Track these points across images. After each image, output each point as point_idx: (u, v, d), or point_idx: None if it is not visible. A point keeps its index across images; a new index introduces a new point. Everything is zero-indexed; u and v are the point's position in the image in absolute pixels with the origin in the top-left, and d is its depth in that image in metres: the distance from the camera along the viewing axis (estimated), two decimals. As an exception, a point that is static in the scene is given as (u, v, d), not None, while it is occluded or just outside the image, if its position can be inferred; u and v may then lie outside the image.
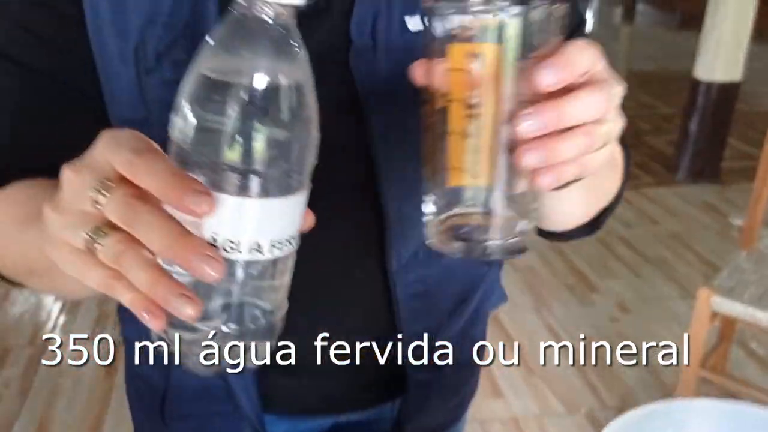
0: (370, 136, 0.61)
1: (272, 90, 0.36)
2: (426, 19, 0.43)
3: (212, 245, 0.36)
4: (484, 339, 0.85)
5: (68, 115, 0.59)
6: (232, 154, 0.36)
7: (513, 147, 0.42)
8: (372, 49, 0.59)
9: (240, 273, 0.38)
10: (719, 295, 1.77)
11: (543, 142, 0.41)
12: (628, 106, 0.46)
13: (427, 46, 0.44)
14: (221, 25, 0.38)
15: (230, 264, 0.37)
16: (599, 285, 2.83)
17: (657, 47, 7.49)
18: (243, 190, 0.36)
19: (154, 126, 0.57)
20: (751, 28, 3.53)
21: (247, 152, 0.36)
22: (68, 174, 0.39)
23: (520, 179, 0.43)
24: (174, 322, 0.37)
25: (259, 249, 0.37)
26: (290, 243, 0.39)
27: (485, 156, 0.43)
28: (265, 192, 0.37)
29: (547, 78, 0.40)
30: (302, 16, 0.57)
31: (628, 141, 0.62)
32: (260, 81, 0.36)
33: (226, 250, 0.37)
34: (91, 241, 0.37)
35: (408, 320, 0.70)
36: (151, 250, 0.36)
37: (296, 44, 0.38)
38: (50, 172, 0.55)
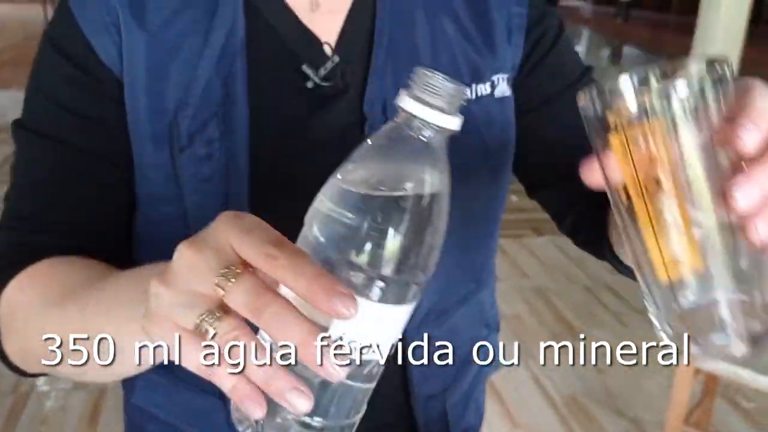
0: None
1: (416, 201, 0.38)
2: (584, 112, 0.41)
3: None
4: (483, 405, 0.87)
5: (100, 191, 0.63)
6: (368, 258, 0.37)
7: (726, 225, 0.38)
8: (383, 122, 0.62)
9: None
10: (702, 352, 1.78)
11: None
12: None
13: (590, 139, 0.41)
14: (374, 135, 0.40)
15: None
16: (585, 335, 2.84)
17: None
18: (369, 293, 0.38)
19: (186, 202, 0.62)
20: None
21: (381, 257, 0.37)
22: (188, 253, 0.38)
23: (742, 253, 0.39)
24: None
25: (377, 350, 0.39)
26: (392, 349, 0.41)
27: (691, 241, 0.39)
28: (386, 298, 0.38)
29: (752, 138, 0.37)
30: (321, 95, 0.64)
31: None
32: (408, 191, 0.38)
33: (350, 352, 0.37)
34: (203, 324, 0.37)
35: (419, 383, 0.72)
36: (277, 343, 0.36)
37: (443, 159, 0.40)
38: (79, 247, 0.61)
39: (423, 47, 0.66)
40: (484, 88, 0.68)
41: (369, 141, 0.40)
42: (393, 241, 0.37)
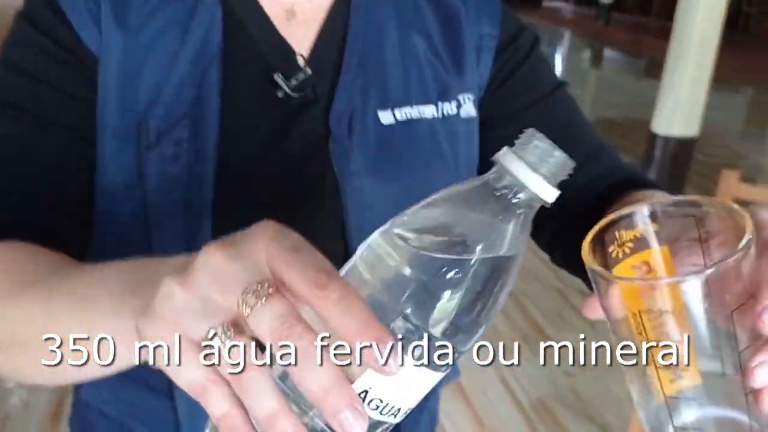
0: (346, 217, 0.64)
1: (492, 266, 0.35)
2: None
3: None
4: (437, 414, 0.87)
5: (68, 164, 0.61)
6: (421, 312, 0.34)
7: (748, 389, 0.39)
8: (348, 139, 0.64)
9: None
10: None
11: None
12: None
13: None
14: (460, 185, 0.38)
15: None
16: (555, 338, 2.85)
17: (621, 94, 7.66)
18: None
19: (147, 200, 0.61)
20: (709, 85, 3.63)
21: (436, 315, 0.34)
22: (217, 256, 0.34)
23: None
24: None
25: (395, 414, 0.36)
26: (408, 413, 0.38)
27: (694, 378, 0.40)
28: (428, 362, 0.35)
29: None
30: (291, 106, 0.64)
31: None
32: (487, 253, 0.35)
33: (373, 409, 0.35)
34: (214, 339, 0.34)
35: None
36: (296, 381, 0.32)
37: (527, 227, 0.38)
38: (41, 226, 0.58)
39: (393, 63, 0.67)
40: (450, 108, 0.68)
41: (452, 189, 0.38)
42: (455, 302, 0.34)
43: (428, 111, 0.67)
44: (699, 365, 0.39)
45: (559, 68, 8.44)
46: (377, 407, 0.35)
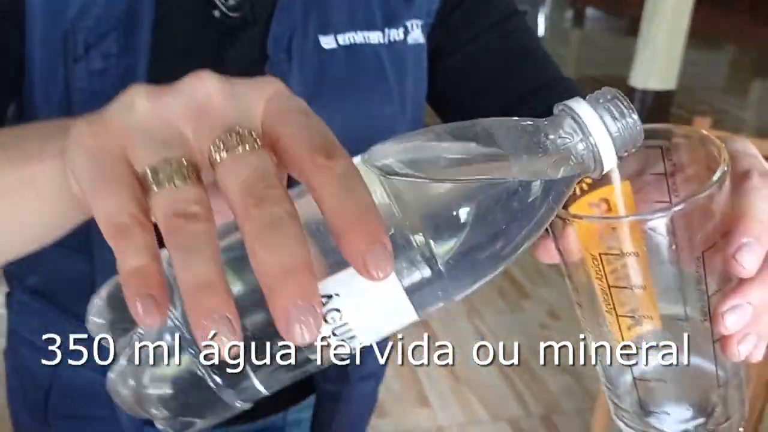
0: None
1: (516, 198, 0.30)
2: None
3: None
4: (386, 346, 0.86)
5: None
6: (432, 234, 0.29)
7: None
8: (287, 63, 0.62)
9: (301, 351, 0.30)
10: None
11: (753, 327, 0.35)
12: None
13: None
14: (507, 120, 0.33)
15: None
16: (531, 292, 2.86)
17: (604, 53, 7.62)
18: (402, 274, 0.29)
19: (72, 114, 0.58)
20: (685, 38, 3.61)
21: (449, 241, 0.29)
22: (208, 87, 0.29)
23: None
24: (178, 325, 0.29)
25: (346, 341, 0.30)
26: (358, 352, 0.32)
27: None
28: (414, 292, 0.29)
29: (753, 262, 0.34)
30: (228, 26, 0.61)
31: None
32: (514, 180, 0.30)
33: (326, 321, 0.29)
34: (163, 170, 0.27)
35: None
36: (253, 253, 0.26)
37: (562, 197, 0.33)
38: None
39: None
40: (397, 34, 0.65)
41: (495, 121, 0.33)
42: (466, 230, 0.29)
43: (374, 37, 0.64)
44: (661, 310, 0.37)
45: (541, 28, 8.37)
46: (333, 322, 0.29)
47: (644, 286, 0.35)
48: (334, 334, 0.29)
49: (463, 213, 0.29)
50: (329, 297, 0.29)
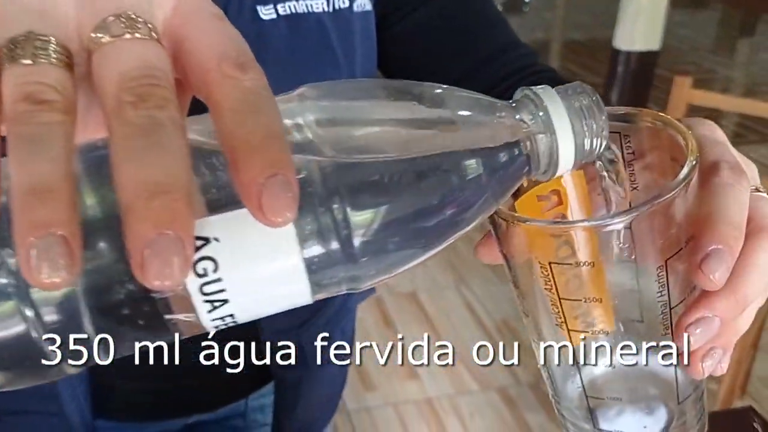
0: None
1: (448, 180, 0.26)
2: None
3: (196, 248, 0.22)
4: (352, 332, 0.84)
5: None
6: (350, 203, 0.24)
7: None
8: None
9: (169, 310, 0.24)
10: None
11: (718, 340, 0.32)
12: None
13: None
14: (468, 93, 0.29)
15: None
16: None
17: (590, 16, 7.54)
18: (309, 242, 0.24)
19: None
20: (669, -2, 3.56)
21: (367, 205, 0.24)
22: None
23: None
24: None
25: (216, 304, 0.23)
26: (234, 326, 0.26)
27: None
28: (319, 274, 0.24)
29: (718, 272, 0.30)
30: None
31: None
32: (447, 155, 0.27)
33: (198, 274, 0.23)
34: (22, 49, 0.22)
35: (267, 319, 0.67)
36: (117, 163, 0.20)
37: (506, 190, 0.30)
38: None
39: None
40: (342, 1, 0.62)
41: (449, 88, 0.28)
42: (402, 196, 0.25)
43: (317, 5, 0.60)
44: (618, 324, 0.33)
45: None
46: (204, 274, 0.23)
47: (599, 299, 0.31)
48: (203, 292, 0.23)
49: (393, 181, 0.25)
50: (206, 240, 0.22)
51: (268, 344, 0.68)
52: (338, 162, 0.24)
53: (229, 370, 0.73)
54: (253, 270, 0.23)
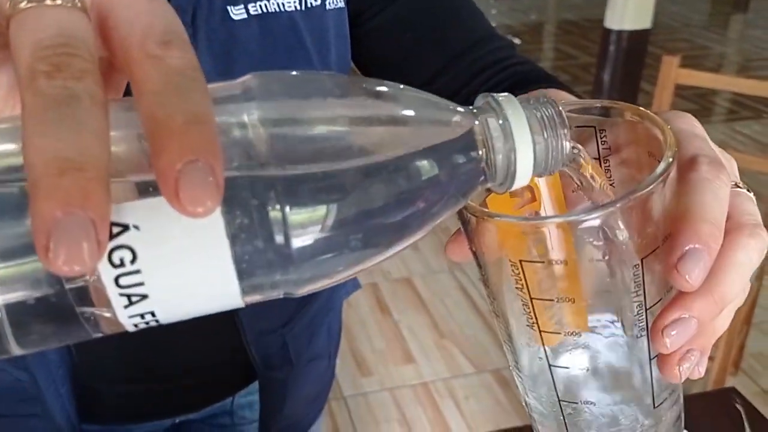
0: None
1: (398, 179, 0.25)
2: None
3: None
4: (339, 328, 0.84)
5: None
6: (288, 199, 0.22)
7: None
8: (193, 38, 0.56)
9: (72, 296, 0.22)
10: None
11: (695, 342, 0.31)
12: (549, 57, 0.40)
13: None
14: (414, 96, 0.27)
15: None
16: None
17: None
18: (239, 236, 0.22)
19: None
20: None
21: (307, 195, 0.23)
22: None
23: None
24: None
25: (132, 299, 0.22)
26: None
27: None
28: (250, 275, 0.23)
29: (695, 273, 0.28)
30: None
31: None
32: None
33: (113, 263, 0.21)
34: None
35: (249, 320, 0.67)
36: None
37: (462, 196, 0.28)
38: None
39: None
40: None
41: (406, 87, 0.27)
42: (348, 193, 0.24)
43: (288, 4, 0.59)
44: (592, 325, 0.31)
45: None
46: (120, 265, 0.21)
47: (572, 299, 0.30)
48: (119, 285, 0.21)
49: (337, 180, 0.23)
50: (124, 227, 0.21)
51: (252, 345, 0.68)
52: (279, 155, 0.23)
53: (212, 372, 0.74)
54: (176, 265, 0.21)
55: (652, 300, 0.30)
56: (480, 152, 0.27)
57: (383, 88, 0.26)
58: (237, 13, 0.57)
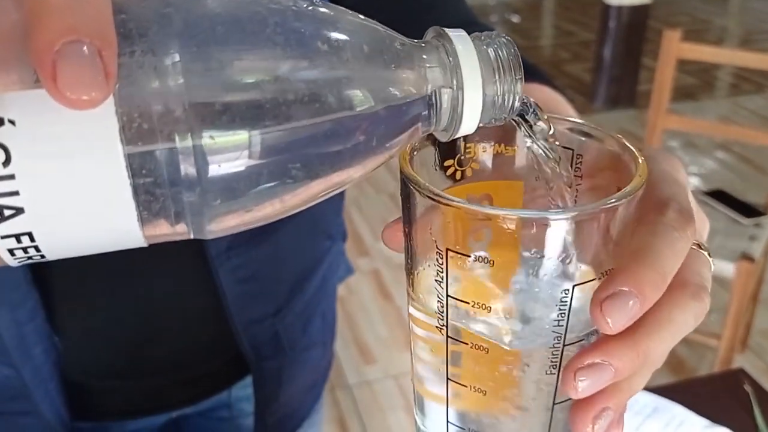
0: None
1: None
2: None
3: None
4: (333, 315, 0.82)
5: None
6: (203, 118, 0.19)
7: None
8: None
9: None
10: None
11: (611, 398, 0.27)
12: (548, 34, 0.37)
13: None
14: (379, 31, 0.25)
15: None
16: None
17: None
18: (135, 142, 0.18)
19: None
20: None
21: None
22: None
23: None
24: None
25: (28, 252, 0.18)
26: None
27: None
28: (149, 197, 0.19)
29: (617, 318, 0.25)
30: None
31: (547, 70, 0.55)
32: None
33: None
34: None
35: (237, 309, 0.65)
36: None
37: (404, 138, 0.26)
38: None
39: None
40: None
41: (355, 17, 0.25)
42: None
43: None
44: (501, 339, 0.28)
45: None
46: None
47: (489, 307, 0.27)
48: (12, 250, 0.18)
49: (260, 96, 0.20)
50: (10, 177, 0.17)
51: (242, 335, 0.66)
52: (192, 53, 0.19)
53: (203, 365, 0.72)
54: (58, 173, 0.17)
55: (573, 337, 0.27)
56: (424, 88, 0.24)
57: (326, 12, 0.23)
58: None
